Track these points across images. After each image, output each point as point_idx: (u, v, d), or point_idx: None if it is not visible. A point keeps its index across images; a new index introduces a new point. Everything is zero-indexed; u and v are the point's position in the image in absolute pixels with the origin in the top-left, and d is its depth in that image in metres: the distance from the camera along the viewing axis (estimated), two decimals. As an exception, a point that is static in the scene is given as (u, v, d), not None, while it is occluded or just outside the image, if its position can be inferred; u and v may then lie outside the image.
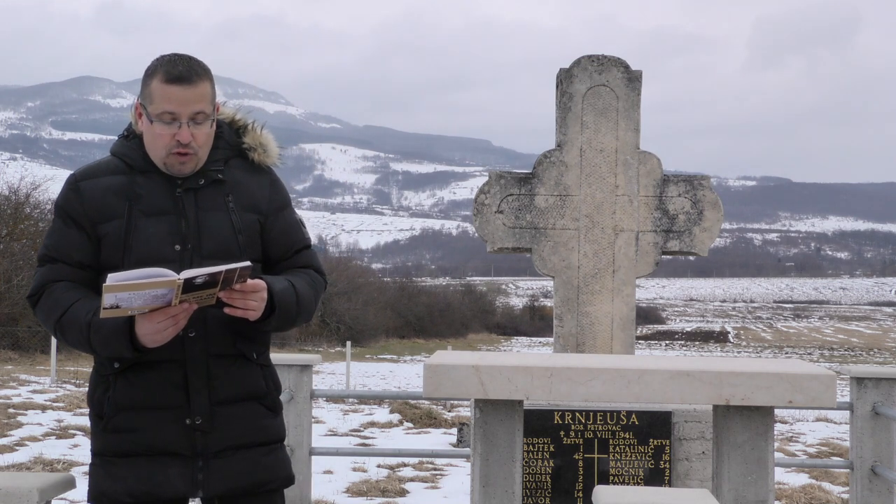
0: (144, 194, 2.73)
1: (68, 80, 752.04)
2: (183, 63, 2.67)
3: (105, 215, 2.71)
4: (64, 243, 2.74)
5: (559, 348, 5.26)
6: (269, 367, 2.88)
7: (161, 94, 2.65)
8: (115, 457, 2.70)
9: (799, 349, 63.64)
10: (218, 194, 2.77)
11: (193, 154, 2.70)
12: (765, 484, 3.33)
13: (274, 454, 2.81)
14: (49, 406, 13.39)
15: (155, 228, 2.70)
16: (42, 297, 2.73)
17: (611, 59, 5.27)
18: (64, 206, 2.76)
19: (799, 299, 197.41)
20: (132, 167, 2.76)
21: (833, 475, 9.16)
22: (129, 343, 2.58)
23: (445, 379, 3.26)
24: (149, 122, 2.69)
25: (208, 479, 2.70)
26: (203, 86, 2.68)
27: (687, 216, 5.24)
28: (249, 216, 2.79)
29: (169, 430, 2.68)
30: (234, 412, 2.74)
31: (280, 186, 2.91)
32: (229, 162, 2.83)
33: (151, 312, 2.53)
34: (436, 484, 8.64)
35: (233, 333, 2.73)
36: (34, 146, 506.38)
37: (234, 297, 2.59)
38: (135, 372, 2.69)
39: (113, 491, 2.69)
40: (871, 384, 5.84)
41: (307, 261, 2.92)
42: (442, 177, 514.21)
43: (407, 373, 30.41)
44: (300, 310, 2.78)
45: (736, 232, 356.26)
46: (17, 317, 26.79)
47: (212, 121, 2.73)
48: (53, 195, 35.01)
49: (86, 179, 2.77)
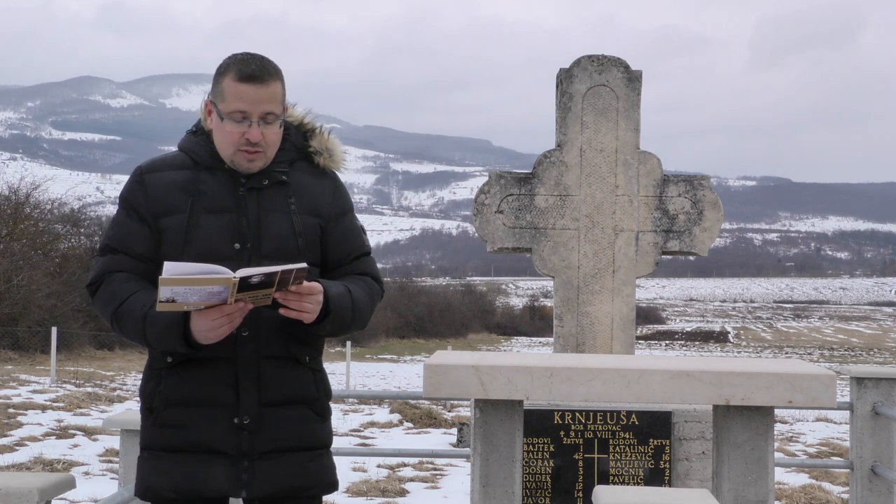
0: (208, 191, 2.73)
1: (68, 80, 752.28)
2: (256, 62, 2.68)
3: (167, 209, 2.72)
4: (125, 234, 2.75)
5: (559, 348, 5.26)
6: (321, 371, 2.86)
7: (233, 93, 2.66)
8: (162, 451, 2.71)
9: (799, 349, 63.64)
10: (280, 196, 2.77)
11: (262, 153, 2.71)
12: (765, 484, 3.33)
13: (319, 459, 2.80)
14: (49, 406, 13.40)
15: (216, 225, 2.71)
16: (101, 287, 2.74)
17: (611, 59, 5.27)
18: (128, 197, 2.78)
19: (799, 299, 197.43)
20: (198, 163, 2.77)
21: (833, 475, 9.17)
22: (183, 339, 2.58)
23: (445, 379, 3.26)
24: (219, 119, 2.70)
25: (252, 480, 2.70)
26: (275, 86, 2.69)
27: (687, 216, 5.24)
28: (310, 219, 2.79)
29: (216, 428, 2.68)
30: (282, 414, 2.73)
31: (343, 192, 2.91)
32: (294, 164, 2.83)
33: (207, 309, 2.53)
34: (436, 484, 8.65)
35: (286, 336, 2.72)
36: (34, 146, 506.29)
37: (289, 299, 2.58)
38: (186, 368, 2.70)
39: (158, 486, 2.70)
40: (871, 384, 5.84)
41: (365, 268, 2.90)
42: (442, 177, 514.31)
43: (407, 373, 30.40)
44: (355, 316, 2.76)
45: (736, 232, 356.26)
46: (17, 317, 26.77)
47: (281, 121, 2.74)
48: (53, 195, 35.06)
49: (151, 172, 2.78)
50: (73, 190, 43.56)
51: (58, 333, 20.51)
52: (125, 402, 14.82)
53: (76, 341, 28.11)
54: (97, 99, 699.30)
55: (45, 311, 27.56)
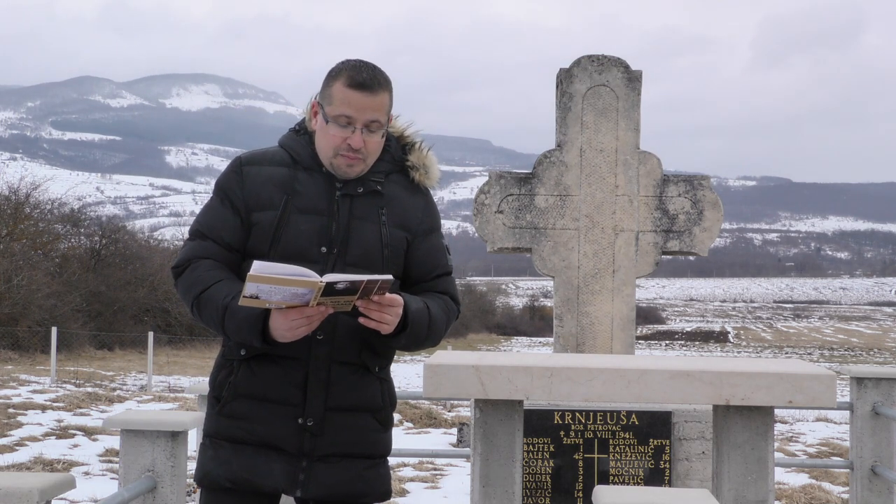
0: (303, 191, 2.75)
1: (68, 80, 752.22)
2: (367, 70, 2.70)
3: (261, 203, 2.74)
4: (217, 222, 2.77)
5: (559, 348, 5.26)
6: (388, 381, 2.88)
7: (341, 98, 2.68)
8: (224, 441, 2.74)
9: (799, 349, 63.63)
10: (373, 205, 2.79)
11: (362, 159, 2.73)
12: (765, 484, 3.33)
13: (376, 469, 2.82)
14: (49, 406, 13.40)
15: (306, 226, 2.73)
16: (186, 271, 2.76)
17: (611, 59, 5.27)
18: (224, 186, 2.79)
19: (799, 299, 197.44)
20: (297, 162, 2.79)
21: (833, 475, 9.16)
22: (261, 334, 2.61)
23: (445, 379, 3.26)
24: (324, 122, 2.72)
25: (309, 481, 2.72)
26: (383, 96, 2.71)
27: (687, 216, 5.24)
28: (399, 232, 2.81)
29: (280, 425, 2.71)
30: (346, 420, 2.75)
31: (434, 210, 2.94)
32: (390, 176, 2.85)
33: (288, 309, 2.55)
34: (436, 484, 8.65)
35: (359, 343, 2.74)
36: (34, 146, 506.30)
37: (370, 308, 2.59)
38: (259, 362, 2.72)
39: (216, 474, 2.73)
40: (871, 384, 5.84)
41: (445, 287, 2.92)
42: (442, 177, 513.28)
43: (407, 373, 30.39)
44: (430, 333, 2.78)
45: (736, 232, 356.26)
46: (17, 317, 26.78)
47: (384, 132, 2.76)
48: (53, 195, 35.09)
49: (251, 165, 2.80)
50: (73, 190, 43.60)
51: (58, 333, 20.52)
52: (125, 402, 14.82)
53: (76, 341, 28.11)
54: (97, 99, 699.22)
55: (45, 311, 27.57)
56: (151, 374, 20.03)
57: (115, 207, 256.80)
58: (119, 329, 31.15)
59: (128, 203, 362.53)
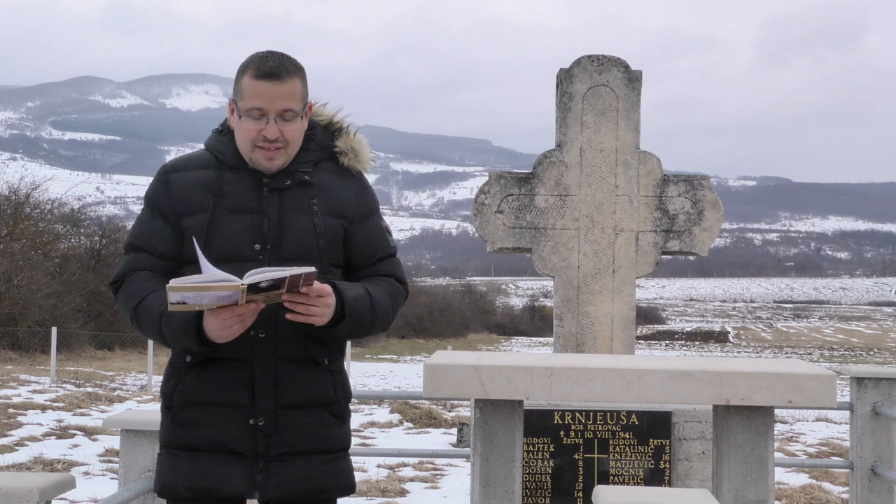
0: (230, 191, 2.73)
1: (68, 80, 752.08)
2: (274, 59, 2.68)
3: (190, 209, 2.72)
4: (149, 233, 2.76)
5: (559, 348, 5.26)
6: (341, 373, 2.84)
7: (251, 90, 2.66)
8: (179, 449, 2.72)
9: (799, 349, 63.62)
10: (303, 197, 2.75)
11: (282, 149, 2.70)
12: (765, 484, 3.33)
13: (335, 463, 2.79)
14: (49, 406, 13.40)
15: (237, 226, 2.70)
16: (123, 285, 2.75)
17: (611, 59, 5.27)
18: (152, 196, 2.78)
19: (799, 299, 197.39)
20: (222, 162, 2.77)
21: (833, 475, 9.16)
22: (197, 337, 2.59)
23: (445, 379, 3.26)
24: (238, 117, 2.71)
25: (267, 482, 2.70)
26: (293, 83, 2.68)
27: (687, 216, 5.24)
28: (333, 221, 2.77)
29: (233, 428, 2.69)
30: (298, 417, 2.72)
31: (369, 193, 2.89)
32: (319, 165, 2.81)
33: (219, 309, 2.53)
34: (436, 484, 8.65)
35: (304, 337, 2.71)
36: (34, 146, 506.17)
37: (296, 302, 2.57)
38: (205, 368, 2.71)
39: (175, 484, 2.72)
40: (871, 384, 5.84)
41: (390, 269, 2.88)
42: (442, 177, 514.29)
43: (407, 373, 30.40)
44: (374, 318, 2.74)
45: (736, 232, 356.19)
46: (17, 317, 26.79)
47: (301, 118, 2.72)
48: (53, 195, 35.10)
49: (175, 171, 2.78)
50: (73, 190, 43.61)
51: (58, 333, 20.52)
52: (125, 402, 14.83)
53: (76, 341, 28.12)
54: (97, 99, 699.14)
55: (45, 311, 27.58)
56: (151, 374, 20.04)
57: (115, 207, 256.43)
58: (119, 329, 31.14)
59: (128, 203, 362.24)
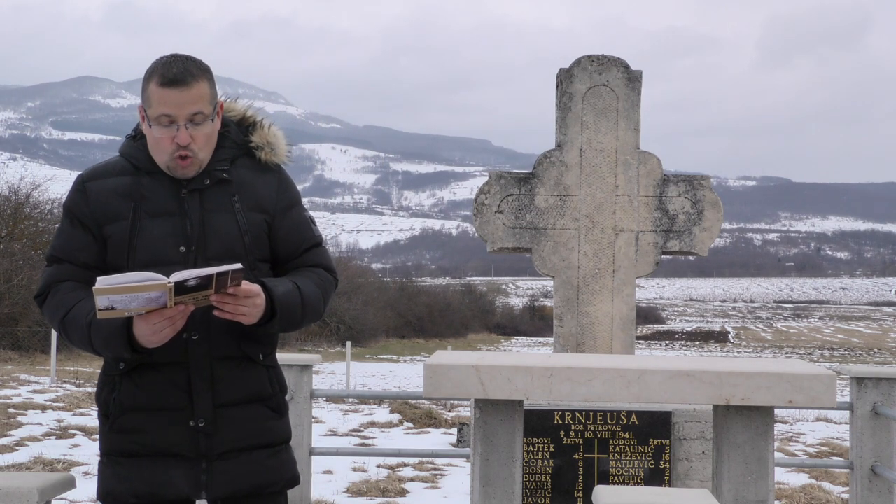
0: (150, 195, 2.71)
1: (68, 80, 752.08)
2: (178, 65, 2.64)
3: (110, 216, 2.70)
4: (70, 244, 2.74)
5: (559, 348, 5.26)
6: (276, 368, 2.85)
7: (158, 98, 2.63)
8: (120, 457, 2.71)
9: (799, 349, 63.62)
10: (223, 194, 2.74)
11: (194, 157, 2.68)
12: (765, 484, 3.33)
13: (278, 456, 2.80)
14: (49, 406, 13.39)
15: (160, 230, 2.69)
16: (48, 297, 2.73)
17: (611, 59, 5.27)
18: (70, 207, 2.76)
19: (799, 299, 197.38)
20: (138, 168, 2.74)
21: (833, 475, 9.16)
22: (127, 343, 2.57)
23: (445, 379, 3.26)
24: (149, 126, 2.67)
25: (212, 482, 2.69)
26: (199, 86, 2.65)
27: (687, 216, 5.24)
28: (256, 216, 2.76)
29: (172, 431, 2.68)
30: (237, 414, 2.73)
31: (288, 185, 2.88)
32: (236, 161, 2.80)
33: (148, 314, 2.51)
34: (436, 484, 8.64)
35: (237, 335, 2.71)
36: (34, 146, 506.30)
37: (224, 302, 2.56)
38: (140, 373, 2.69)
39: (118, 491, 2.70)
40: (871, 384, 5.85)
41: (317, 259, 2.88)
42: (442, 177, 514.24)
43: (407, 373, 30.41)
44: (305, 311, 2.75)
45: (736, 232, 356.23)
46: (17, 317, 26.78)
47: (211, 120, 2.70)
48: (53, 195, 35.04)
49: (92, 180, 2.76)
50: (73, 190, 43.56)
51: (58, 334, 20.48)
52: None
53: (76, 341, 28.09)
54: (97, 99, 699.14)
55: (45, 311, 27.55)
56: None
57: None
58: (119, 329, 31.10)
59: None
